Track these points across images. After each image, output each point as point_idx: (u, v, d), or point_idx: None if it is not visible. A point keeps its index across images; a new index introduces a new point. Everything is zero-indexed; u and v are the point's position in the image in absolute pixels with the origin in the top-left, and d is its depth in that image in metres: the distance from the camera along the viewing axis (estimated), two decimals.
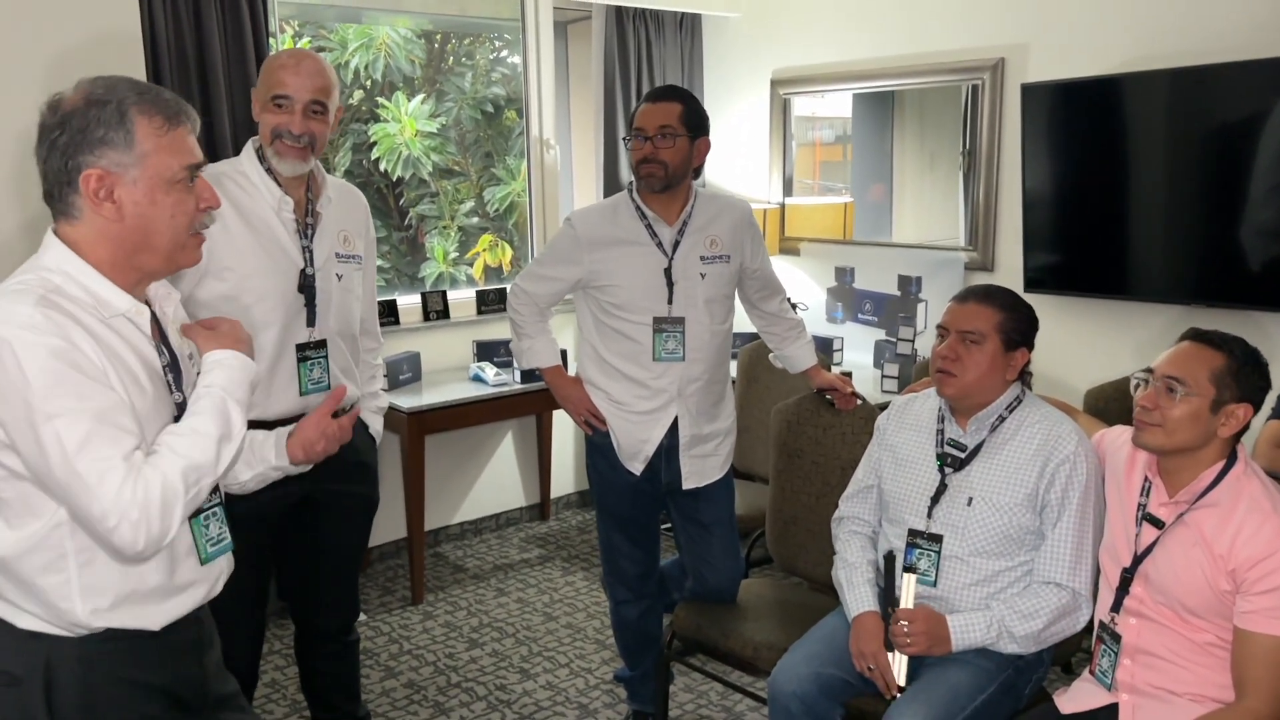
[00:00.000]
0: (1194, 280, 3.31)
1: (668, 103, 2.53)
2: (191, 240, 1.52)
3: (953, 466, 2.19)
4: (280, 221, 2.28)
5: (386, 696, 3.20)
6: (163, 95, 1.47)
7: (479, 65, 5.21)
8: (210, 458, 1.46)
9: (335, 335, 2.37)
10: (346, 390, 2.14)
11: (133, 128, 1.42)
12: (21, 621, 1.46)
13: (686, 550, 2.79)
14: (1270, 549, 1.74)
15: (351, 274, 2.41)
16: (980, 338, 2.13)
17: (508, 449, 4.59)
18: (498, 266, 5.03)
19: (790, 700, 2.14)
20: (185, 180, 1.47)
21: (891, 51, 4.13)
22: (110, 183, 1.43)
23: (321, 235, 2.34)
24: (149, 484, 1.38)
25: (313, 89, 2.22)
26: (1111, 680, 1.95)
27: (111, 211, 1.44)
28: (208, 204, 1.52)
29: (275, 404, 2.29)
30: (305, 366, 2.31)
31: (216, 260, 2.21)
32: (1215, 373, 1.81)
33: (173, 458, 1.43)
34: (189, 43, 3.30)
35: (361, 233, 2.48)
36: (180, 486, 1.41)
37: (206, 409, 1.50)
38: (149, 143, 1.43)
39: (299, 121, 2.21)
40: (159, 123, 1.44)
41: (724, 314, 2.68)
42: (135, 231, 1.46)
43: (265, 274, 2.24)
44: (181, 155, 1.46)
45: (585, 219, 2.65)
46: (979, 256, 3.94)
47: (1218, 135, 3.20)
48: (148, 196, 1.45)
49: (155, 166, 1.44)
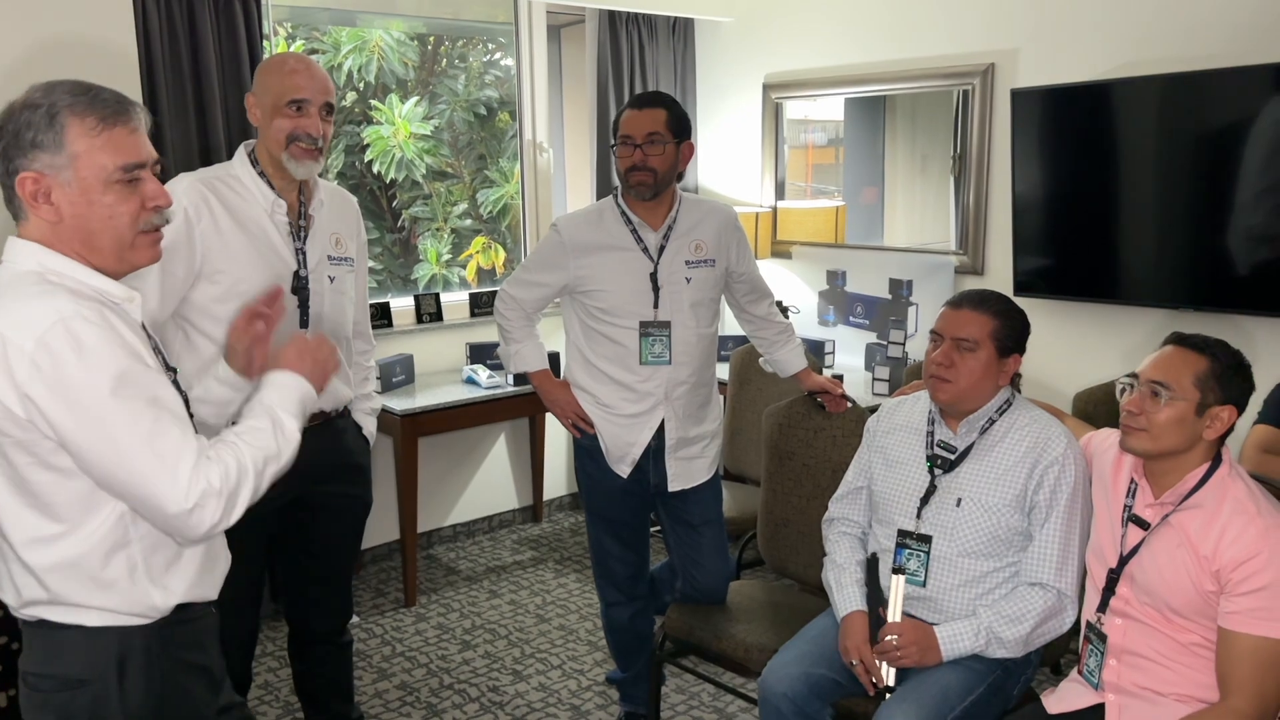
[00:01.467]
0: (1182, 284, 3.33)
1: (653, 109, 2.55)
2: (141, 239, 1.50)
3: (942, 468, 2.21)
4: (273, 224, 2.30)
5: (379, 698, 3.21)
6: (100, 95, 1.46)
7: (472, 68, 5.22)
8: (273, 446, 1.52)
9: (327, 336, 2.37)
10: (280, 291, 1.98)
11: (62, 130, 1.42)
12: (90, 620, 1.49)
13: (676, 551, 2.81)
14: (1254, 550, 1.76)
15: (343, 276, 2.43)
16: (974, 345, 2.14)
17: (500, 451, 4.60)
18: (491, 269, 5.04)
19: (780, 700, 2.16)
20: (124, 180, 1.46)
21: (883, 56, 4.16)
22: (46, 185, 1.43)
23: (314, 238, 2.36)
24: (226, 465, 1.44)
25: (325, 92, 2.29)
26: (1098, 680, 1.97)
27: (50, 213, 1.45)
28: (155, 202, 1.50)
29: None
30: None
31: (210, 263, 2.23)
32: (1199, 376, 1.83)
33: (242, 445, 1.49)
34: (183, 45, 3.31)
35: (353, 235, 2.50)
36: (251, 470, 1.48)
37: (255, 413, 1.57)
38: (80, 144, 1.43)
39: (316, 124, 2.26)
40: (91, 123, 1.43)
41: (710, 318, 2.70)
42: (77, 232, 1.46)
43: (258, 276, 2.25)
44: (118, 155, 1.45)
45: (571, 224, 2.67)
46: (969, 260, 3.96)
47: (1205, 141, 3.23)
48: (83, 197, 1.44)
49: (88, 167, 1.44)
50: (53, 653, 1.50)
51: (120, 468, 1.39)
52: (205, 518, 1.42)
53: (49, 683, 1.51)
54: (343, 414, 2.50)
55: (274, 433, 1.54)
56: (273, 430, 1.54)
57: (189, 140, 3.36)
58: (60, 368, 1.36)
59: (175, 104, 3.32)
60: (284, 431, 1.55)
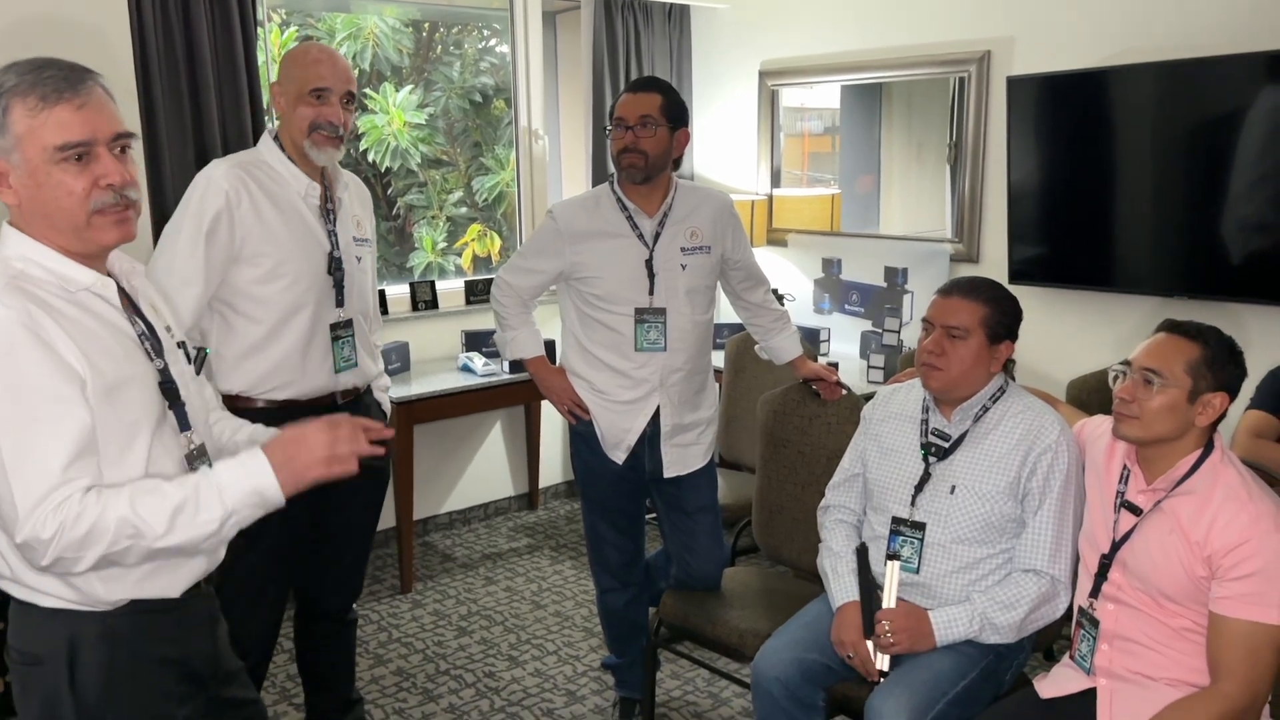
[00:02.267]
0: (1176, 272, 3.34)
1: (648, 93, 2.56)
2: (98, 219, 1.45)
3: (937, 456, 2.21)
4: (307, 207, 2.38)
5: (376, 684, 3.22)
6: (46, 74, 1.42)
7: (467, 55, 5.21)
8: (157, 529, 1.39)
9: (358, 315, 2.50)
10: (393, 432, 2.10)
11: (5, 112, 1.41)
12: (44, 601, 1.48)
13: (670, 538, 2.82)
14: (1245, 536, 1.77)
15: (366, 256, 2.55)
16: (965, 332, 2.14)
17: (496, 439, 4.61)
18: (486, 256, 5.04)
19: (773, 685, 2.17)
20: (67, 159, 1.42)
21: (879, 43, 4.15)
22: (2, 169, 1.43)
23: (342, 220, 2.45)
24: (78, 519, 1.36)
25: (347, 81, 2.36)
26: (1090, 665, 1.98)
27: (10, 196, 1.45)
28: (108, 180, 1.44)
29: (309, 382, 2.40)
30: (338, 345, 2.43)
31: (250, 246, 2.30)
32: (1191, 363, 1.84)
33: (123, 509, 1.38)
34: (176, 32, 3.29)
35: (369, 219, 2.61)
36: (108, 539, 1.38)
37: (192, 488, 1.43)
38: (21, 125, 1.41)
39: (338, 112, 2.33)
40: (32, 103, 1.41)
41: (705, 304, 2.70)
42: (36, 214, 1.45)
43: (298, 257, 2.35)
44: (56, 133, 1.41)
45: (566, 211, 2.67)
46: (964, 248, 3.97)
47: (1201, 129, 3.23)
48: (32, 179, 1.43)
49: (31, 148, 1.42)
50: (18, 627, 1.52)
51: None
52: (34, 559, 1.37)
53: (16, 654, 1.53)
54: (367, 389, 2.59)
55: (179, 515, 1.40)
56: (181, 513, 1.40)
57: (183, 125, 3.35)
58: None
59: (170, 90, 3.31)
60: (194, 519, 1.42)
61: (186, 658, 1.60)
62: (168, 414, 1.55)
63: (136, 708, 1.54)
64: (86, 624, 1.49)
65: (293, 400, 2.36)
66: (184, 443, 1.58)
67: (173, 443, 1.56)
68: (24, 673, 1.52)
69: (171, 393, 1.57)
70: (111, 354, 1.47)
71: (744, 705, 3.07)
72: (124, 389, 1.47)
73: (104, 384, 1.43)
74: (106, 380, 1.44)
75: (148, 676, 1.55)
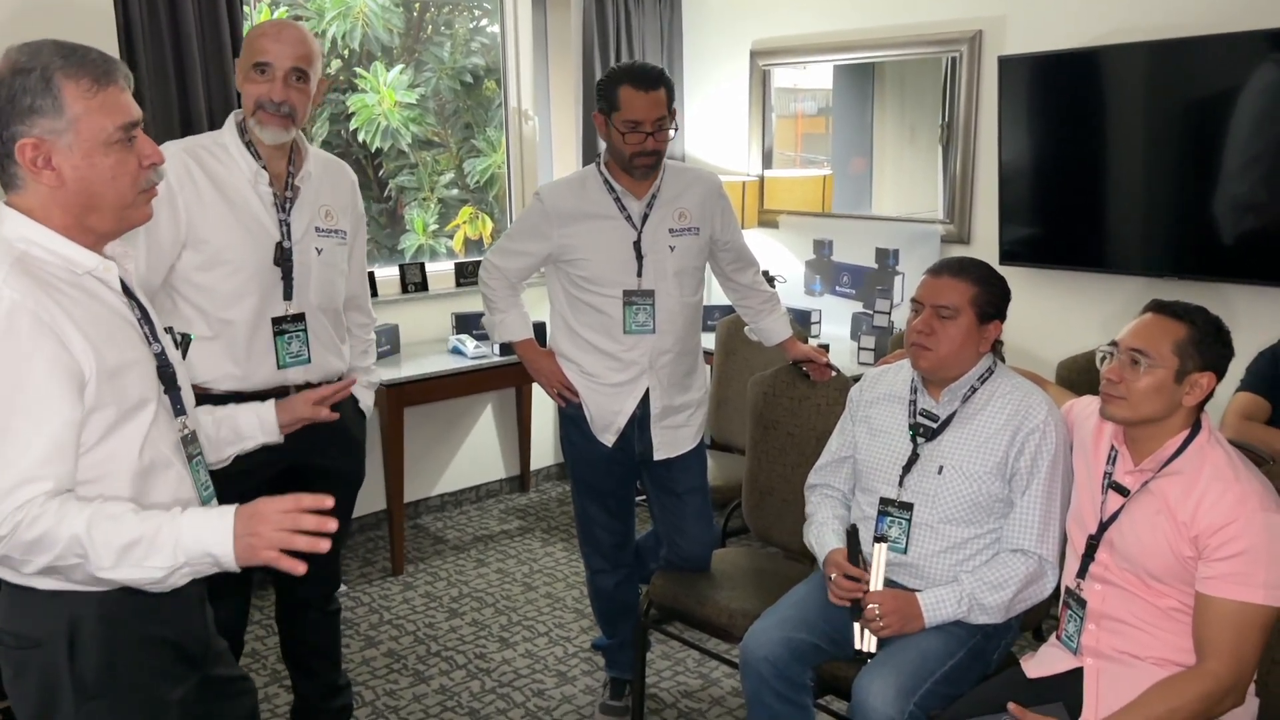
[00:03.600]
0: (1167, 253, 3.34)
1: (658, 91, 2.49)
2: (140, 197, 1.51)
3: (925, 436, 2.22)
4: (256, 194, 2.28)
5: (367, 665, 3.23)
6: (89, 56, 1.45)
7: (458, 34, 5.16)
8: (104, 558, 1.37)
9: (316, 309, 2.37)
10: (354, 380, 2.21)
11: (59, 93, 1.41)
12: (43, 584, 1.48)
13: (660, 519, 2.82)
14: (1232, 516, 1.77)
15: (333, 248, 2.41)
16: (954, 312, 2.14)
17: (487, 421, 4.60)
18: (478, 239, 5.01)
19: (761, 664, 2.18)
20: (123, 139, 1.46)
21: (871, 23, 4.13)
22: (46, 150, 1.42)
23: (300, 209, 2.33)
24: (32, 522, 1.35)
25: (294, 56, 2.21)
26: (1077, 645, 1.98)
27: (52, 179, 1.43)
28: (151, 160, 1.50)
29: (253, 376, 2.31)
30: (282, 340, 2.32)
31: (194, 232, 2.23)
32: (1178, 343, 1.84)
33: (78, 521, 1.36)
34: (162, 12, 3.26)
35: (347, 208, 2.47)
36: (57, 549, 1.36)
37: (153, 529, 1.39)
38: (78, 106, 1.42)
39: (279, 89, 2.21)
40: (86, 85, 1.42)
41: (694, 286, 2.69)
42: (80, 195, 1.45)
43: (240, 246, 2.25)
44: (115, 115, 1.44)
45: (553, 193, 2.65)
46: (956, 229, 3.96)
47: (1194, 108, 3.22)
48: (86, 160, 1.44)
49: (89, 129, 1.43)
50: (15, 611, 1.51)
51: None
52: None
53: (11, 638, 1.52)
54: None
55: (128, 553, 1.37)
56: (130, 548, 1.37)
57: (169, 104, 3.32)
58: None
59: (155, 68, 3.27)
60: (143, 562, 1.38)
61: (180, 639, 1.61)
62: (163, 398, 1.55)
63: (133, 688, 1.54)
64: (86, 604, 1.49)
65: (237, 393, 2.24)
66: (179, 427, 1.58)
67: (168, 428, 1.56)
68: (19, 656, 1.51)
69: (169, 377, 1.57)
70: (114, 339, 1.47)
71: (733, 685, 3.08)
72: (125, 374, 1.47)
73: (107, 369, 1.44)
74: (109, 365, 1.44)
75: (145, 657, 1.55)
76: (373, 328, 2.67)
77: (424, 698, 3.05)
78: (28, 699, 1.52)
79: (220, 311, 2.27)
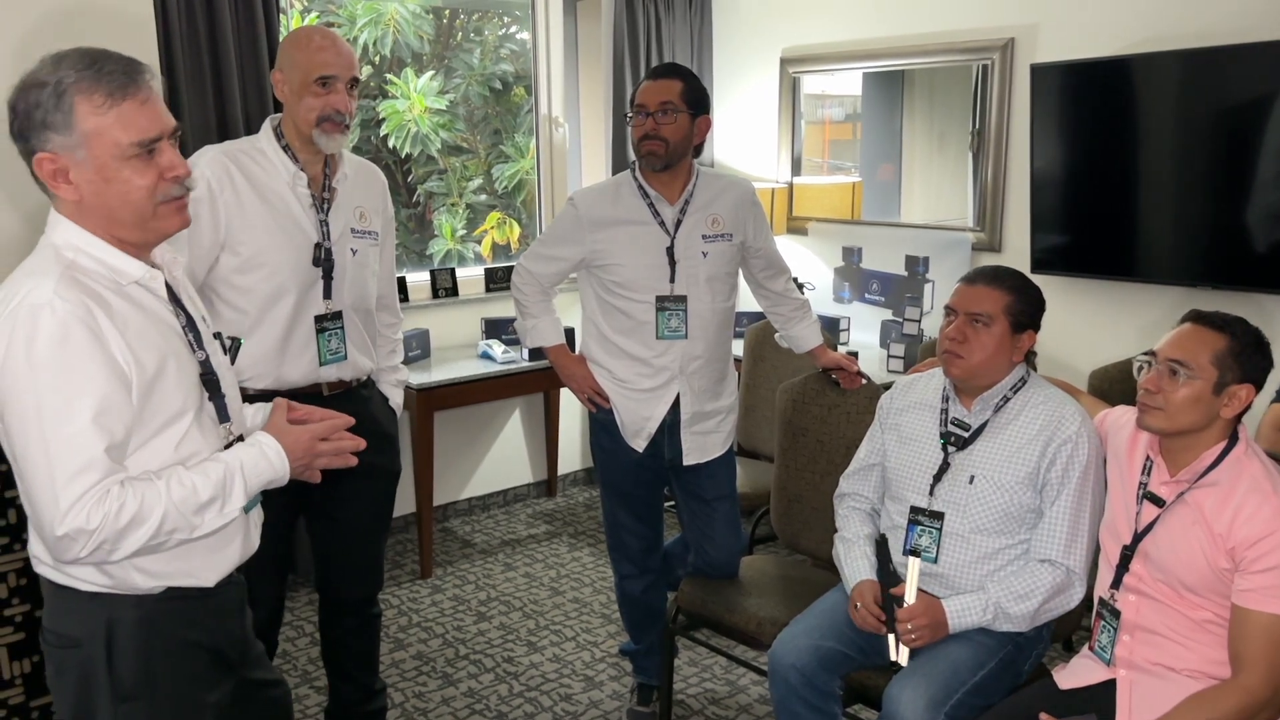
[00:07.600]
0: (1200, 262, 3.31)
1: (668, 80, 2.54)
2: (164, 209, 1.47)
3: (956, 445, 2.21)
4: (295, 196, 2.33)
5: (396, 668, 3.25)
6: (105, 69, 1.41)
7: (488, 41, 5.20)
8: (192, 522, 1.45)
9: (350, 309, 2.43)
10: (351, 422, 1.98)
11: (71, 109, 1.39)
12: (83, 586, 1.50)
13: (689, 525, 2.82)
14: (1269, 528, 1.76)
15: (367, 250, 2.46)
16: (988, 320, 2.14)
17: (515, 426, 4.62)
18: (506, 244, 5.04)
19: (789, 672, 2.17)
20: (140, 154, 1.43)
21: (901, 30, 4.12)
22: (63, 164, 1.41)
23: (337, 210, 2.39)
24: (121, 508, 1.38)
25: (350, 67, 2.31)
26: (1110, 656, 1.97)
27: (70, 192, 1.43)
28: (174, 172, 1.47)
29: (289, 373, 2.36)
30: (324, 337, 2.37)
31: (233, 234, 2.28)
32: (1217, 354, 1.82)
33: (164, 497, 1.42)
34: (200, 20, 3.31)
35: (379, 210, 2.52)
36: (149, 527, 1.41)
37: (212, 472, 1.48)
38: (89, 122, 1.39)
39: (344, 100, 2.29)
40: (99, 100, 1.40)
41: (726, 292, 2.70)
42: (99, 209, 1.44)
43: (279, 247, 2.30)
44: (130, 130, 1.41)
45: (587, 198, 2.67)
46: (986, 237, 3.94)
47: (1227, 117, 3.19)
48: (100, 175, 1.42)
49: (100, 145, 1.41)
50: (57, 610, 1.54)
51: (21, 461, 1.39)
52: (73, 550, 1.38)
53: (53, 637, 1.55)
54: (366, 383, 2.54)
55: (207, 509, 1.47)
56: (209, 505, 1.47)
57: (206, 111, 3.36)
58: (11, 345, 1.36)
59: (193, 75, 3.32)
60: (223, 510, 1.48)
61: (218, 644, 1.63)
62: (207, 405, 1.57)
63: (170, 691, 1.56)
64: (125, 608, 1.51)
65: (271, 390, 2.29)
66: (223, 434, 1.59)
67: (212, 434, 1.57)
68: (60, 655, 1.54)
69: (212, 384, 1.58)
70: (156, 347, 1.47)
71: (761, 693, 3.08)
72: (166, 381, 1.48)
73: (146, 379, 1.44)
74: (148, 375, 1.45)
75: (182, 661, 1.57)
76: (400, 328, 2.71)
77: (452, 700, 3.07)
78: (67, 697, 1.55)
79: (258, 311, 2.31)
